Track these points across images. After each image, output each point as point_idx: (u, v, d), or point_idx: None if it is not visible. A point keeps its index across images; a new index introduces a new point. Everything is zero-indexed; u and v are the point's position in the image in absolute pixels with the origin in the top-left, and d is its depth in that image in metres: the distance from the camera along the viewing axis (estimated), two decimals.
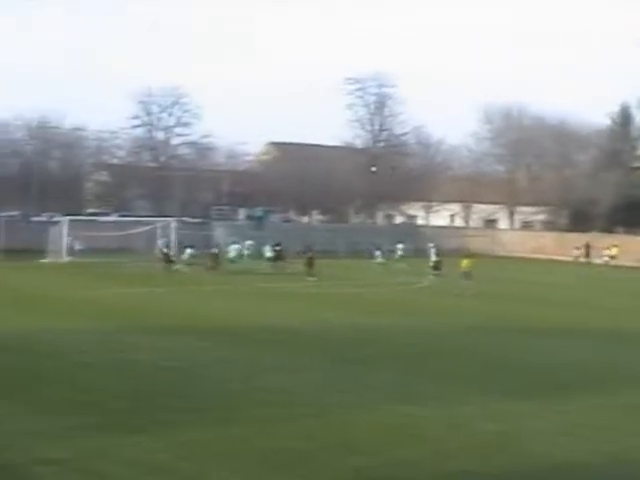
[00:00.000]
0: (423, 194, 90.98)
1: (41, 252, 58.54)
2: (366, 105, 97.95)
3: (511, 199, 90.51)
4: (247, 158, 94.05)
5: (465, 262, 44.32)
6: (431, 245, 57.23)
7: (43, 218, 72.23)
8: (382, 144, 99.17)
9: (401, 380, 21.47)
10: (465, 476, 14.40)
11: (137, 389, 19.79)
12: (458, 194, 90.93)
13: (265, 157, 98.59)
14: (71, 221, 60.52)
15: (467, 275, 43.36)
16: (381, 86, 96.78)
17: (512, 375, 22.87)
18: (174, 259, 52.81)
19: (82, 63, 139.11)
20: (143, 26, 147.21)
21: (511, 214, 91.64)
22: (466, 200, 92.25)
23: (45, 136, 77.34)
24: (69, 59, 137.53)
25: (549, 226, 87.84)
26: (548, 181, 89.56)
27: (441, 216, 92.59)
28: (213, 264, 52.19)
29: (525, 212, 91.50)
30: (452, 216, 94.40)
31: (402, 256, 62.86)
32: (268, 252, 56.32)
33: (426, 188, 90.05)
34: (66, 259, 57.99)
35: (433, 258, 52.20)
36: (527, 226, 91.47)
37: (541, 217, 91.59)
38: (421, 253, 61.86)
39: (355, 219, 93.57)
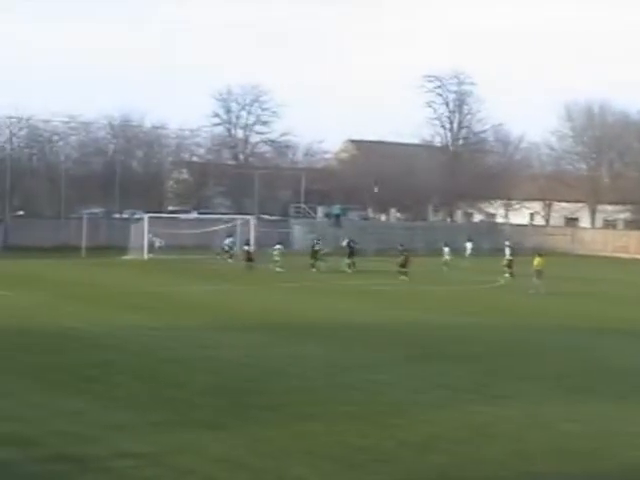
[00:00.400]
0: (503, 192, 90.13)
1: (122, 249, 59.44)
2: (445, 103, 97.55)
3: (593, 197, 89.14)
4: (325, 156, 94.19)
5: (537, 261, 43.91)
6: (507, 243, 56.75)
7: (125, 216, 73.32)
8: (461, 142, 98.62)
9: (482, 379, 21.26)
10: (547, 477, 14.18)
11: (218, 385, 19.94)
12: (538, 192, 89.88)
13: (343, 155, 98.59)
14: (152, 218, 61.32)
15: (538, 274, 43.00)
16: (460, 84, 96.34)
17: (597, 376, 22.47)
18: (253, 257, 52.78)
19: (163, 62, 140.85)
20: (222, 24, 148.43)
21: (593, 212, 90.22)
22: (547, 198, 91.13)
23: (127, 135, 78.37)
24: (150, 58, 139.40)
25: (632, 225, 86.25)
26: (631, 179, 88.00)
27: (521, 214, 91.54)
28: (313, 261, 52.14)
29: (607, 210, 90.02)
30: (532, 214, 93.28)
31: (470, 254, 62.28)
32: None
33: (506, 186, 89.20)
34: (146, 256, 58.76)
35: (507, 257, 51.97)
36: (609, 225, 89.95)
37: (624, 215, 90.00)
38: (499, 252, 61.27)
39: (434, 217, 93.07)
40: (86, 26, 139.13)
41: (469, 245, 64.67)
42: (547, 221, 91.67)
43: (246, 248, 54.66)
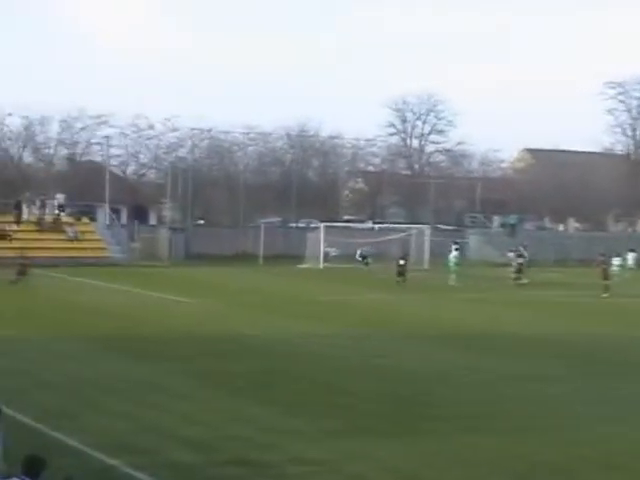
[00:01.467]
0: None
1: (299, 258, 60.41)
2: (628, 110, 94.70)
3: None
4: (502, 165, 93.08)
5: None
6: None
7: (301, 225, 74.52)
8: None
9: None
10: None
11: (391, 394, 20.03)
12: None
13: (520, 164, 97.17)
14: (327, 228, 62.08)
15: None
16: None
17: None
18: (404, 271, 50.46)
19: (338, 72, 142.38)
20: (398, 33, 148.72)
21: None
22: None
23: (304, 145, 79.67)
24: (326, 69, 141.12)
25: None
26: None
27: None
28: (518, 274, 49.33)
29: None
30: None
31: (632, 266, 59.71)
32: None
33: None
34: (322, 265, 59.49)
35: None
36: None
37: None
38: None
39: (614, 227, 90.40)
40: (264, 41, 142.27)
41: (631, 255, 62.30)
42: None
43: (401, 262, 50.49)
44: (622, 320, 35.46)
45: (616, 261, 53.92)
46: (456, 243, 54.49)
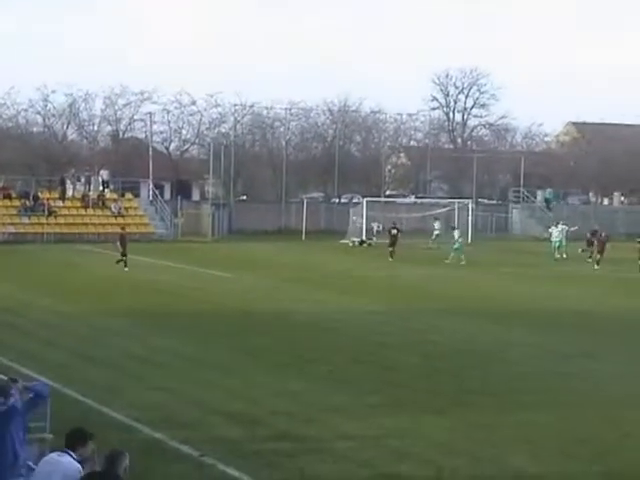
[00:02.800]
0: None
1: (341, 233, 60.37)
2: None
3: None
4: (545, 139, 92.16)
5: None
6: None
7: (344, 200, 74.36)
8: None
9: None
10: None
11: (436, 370, 19.98)
12: None
13: (564, 137, 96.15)
14: (370, 203, 61.91)
15: None
16: None
17: None
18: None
19: (381, 46, 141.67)
20: (441, 7, 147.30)
21: None
22: None
23: (346, 120, 79.32)
24: (368, 43, 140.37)
25: None
26: None
27: None
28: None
29: None
30: None
31: None
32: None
33: None
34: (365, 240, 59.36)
35: None
36: None
37: None
38: None
39: None
40: (306, 17, 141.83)
41: None
42: None
43: (393, 232, 49.62)
44: None
45: None
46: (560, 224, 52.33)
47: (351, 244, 57.92)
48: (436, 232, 56.76)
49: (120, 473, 8.59)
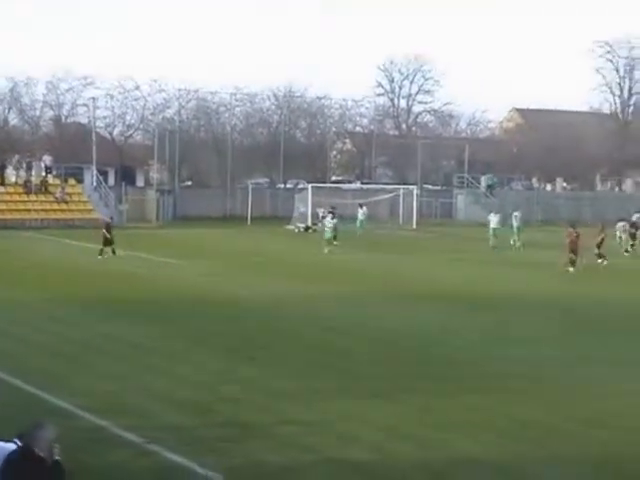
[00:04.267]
0: None
1: (286, 219, 60.38)
2: (615, 69, 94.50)
3: None
4: (489, 125, 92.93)
5: None
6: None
7: (289, 186, 74.33)
8: (631, 109, 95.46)
9: None
10: None
11: (382, 354, 20.07)
12: None
13: (508, 124, 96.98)
14: (315, 188, 61.96)
15: None
16: (632, 49, 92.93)
17: None
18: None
19: (326, 33, 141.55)
20: None
21: None
22: None
23: (291, 105, 79.16)
24: (313, 29, 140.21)
25: None
26: None
27: None
28: None
29: None
30: None
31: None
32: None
33: None
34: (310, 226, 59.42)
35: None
36: None
37: None
38: None
39: (601, 187, 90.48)
40: (252, 1, 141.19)
41: (637, 216, 62.19)
42: None
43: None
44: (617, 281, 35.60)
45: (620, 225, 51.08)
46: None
47: (296, 230, 58.02)
48: (360, 218, 57.08)
49: (38, 447, 8.39)
